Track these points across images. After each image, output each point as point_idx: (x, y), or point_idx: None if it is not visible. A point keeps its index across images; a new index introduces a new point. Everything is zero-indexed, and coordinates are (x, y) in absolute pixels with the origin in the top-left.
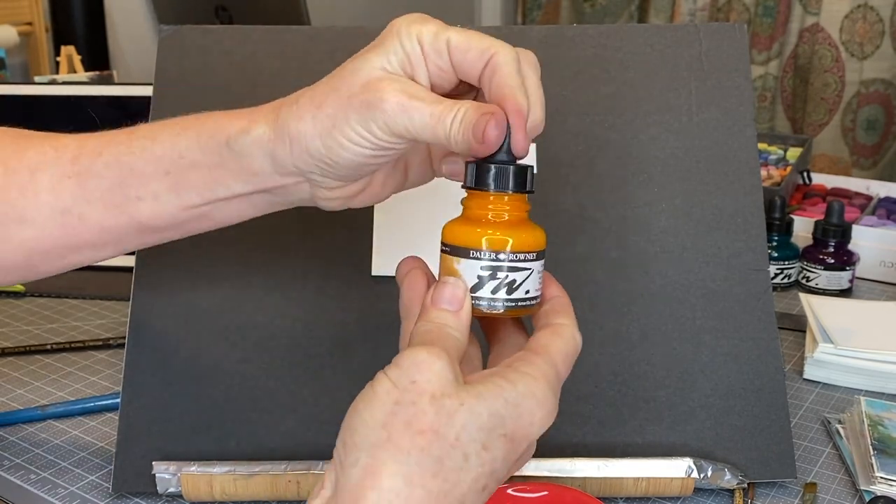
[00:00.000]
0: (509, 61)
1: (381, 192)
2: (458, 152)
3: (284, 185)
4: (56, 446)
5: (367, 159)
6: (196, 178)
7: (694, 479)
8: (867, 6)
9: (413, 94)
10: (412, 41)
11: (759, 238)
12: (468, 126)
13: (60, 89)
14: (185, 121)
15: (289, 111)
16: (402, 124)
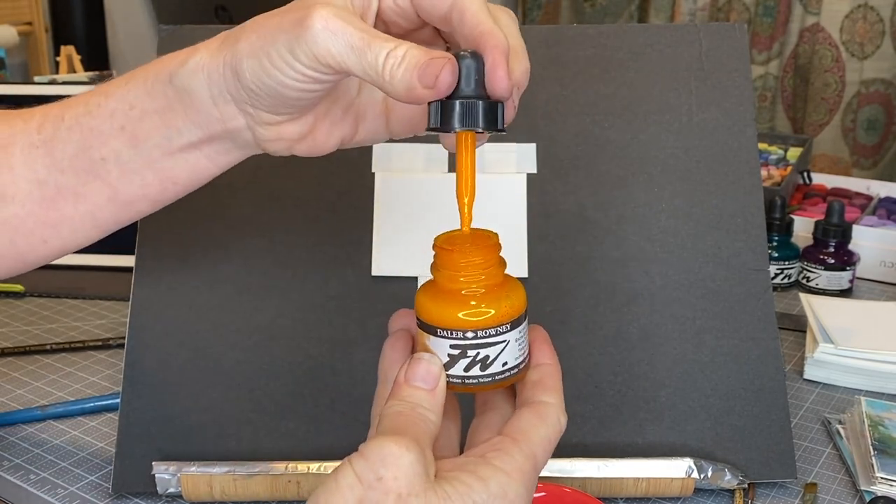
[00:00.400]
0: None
1: (327, 142)
2: (391, 95)
3: (225, 123)
4: (56, 446)
5: (291, 90)
6: (149, 127)
7: (694, 479)
8: (867, 6)
9: (345, 19)
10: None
11: (759, 238)
12: (412, 67)
13: (60, 89)
14: (136, 70)
15: (231, 35)
16: (325, 48)
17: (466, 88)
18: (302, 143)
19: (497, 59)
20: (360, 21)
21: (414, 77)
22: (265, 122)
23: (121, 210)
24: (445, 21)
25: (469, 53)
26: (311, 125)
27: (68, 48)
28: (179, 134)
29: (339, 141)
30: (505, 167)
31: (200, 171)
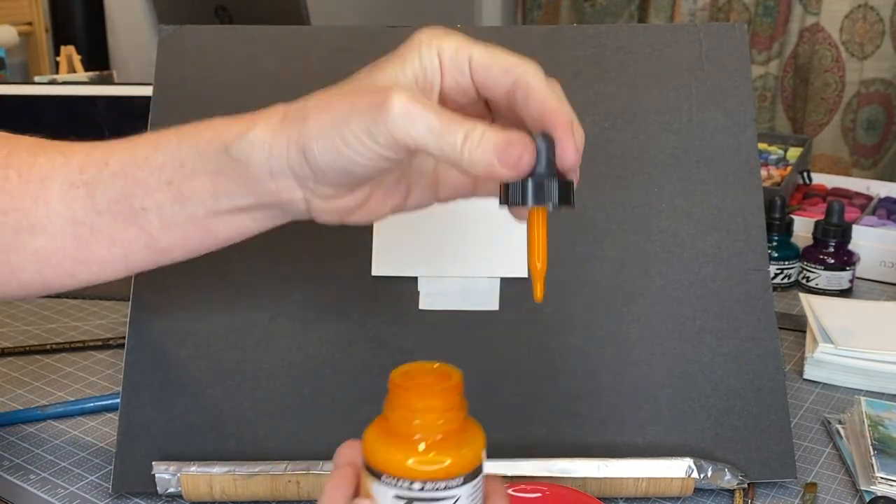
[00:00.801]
0: (541, 78)
1: (379, 211)
2: (469, 172)
3: (280, 195)
4: (56, 446)
5: (362, 168)
6: (197, 187)
7: (694, 479)
8: (867, 6)
9: (421, 102)
10: (431, 54)
11: (759, 238)
12: (491, 147)
13: (60, 89)
14: (187, 129)
15: (295, 113)
16: (404, 130)
17: (539, 167)
18: (355, 214)
19: (566, 138)
20: (433, 103)
21: (493, 157)
22: (324, 196)
23: (155, 256)
24: (506, 98)
25: (541, 134)
26: (365, 197)
27: (68, 48)
28: (229, 198)
29: (391, 210)
30: None
31: (243, 231)
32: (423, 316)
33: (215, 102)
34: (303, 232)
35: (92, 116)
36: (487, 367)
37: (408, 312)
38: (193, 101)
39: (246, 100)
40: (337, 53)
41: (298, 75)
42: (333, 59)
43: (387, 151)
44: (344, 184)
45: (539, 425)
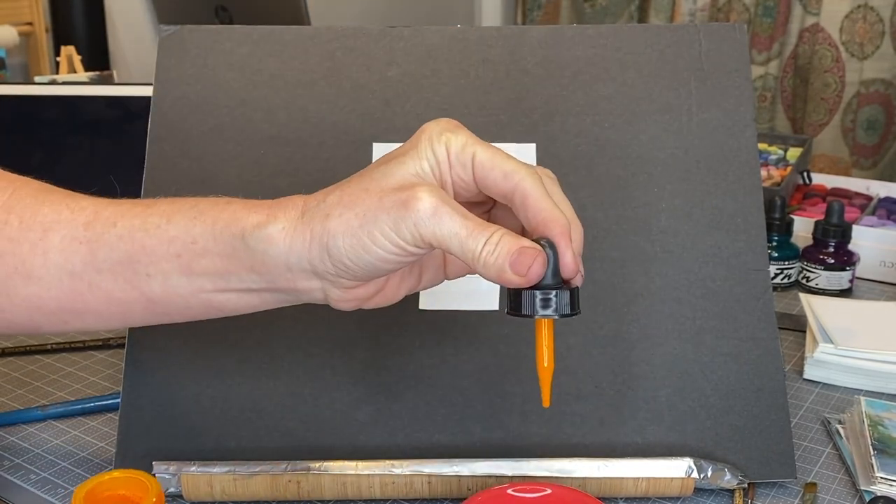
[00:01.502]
0: (537, 184)
1: (395, 295)
2: (481, 275)
3: (296, 284)
4: (56, 446)
5: (387, 263)
6: (208, 265)
7: (694, 479)
8: (867, 6)
9: (448, 203)
10: (441, 147)
11: (759, 238)
12: (504, 255)
13: (60, 89)
14: (203, 205)
15: (316, 209)
16: (432, 230)
17: (545, 277)
18: (372, 300)
19: (565, 246)
20: (458, 206)
21: (506, 264)
22: (343, 287)
23: (153, 317)
24: (506, 199)
25: (546, 243)
26: (382, 284)
27: (68, 48)
28: (240, 280)
29: (405, 292)
30: None
31: (249, 307)
32: (423, 316)
33: (215, 102)
34: None
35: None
36: (487, 367)
37: (408, 312)
38: (193, 101)
39: (246, 100)
40: (337, 53)
41: (298, 75)
42: (333, 59)
43: (413, 248)
44: (366, 277)
45: (539, 425)
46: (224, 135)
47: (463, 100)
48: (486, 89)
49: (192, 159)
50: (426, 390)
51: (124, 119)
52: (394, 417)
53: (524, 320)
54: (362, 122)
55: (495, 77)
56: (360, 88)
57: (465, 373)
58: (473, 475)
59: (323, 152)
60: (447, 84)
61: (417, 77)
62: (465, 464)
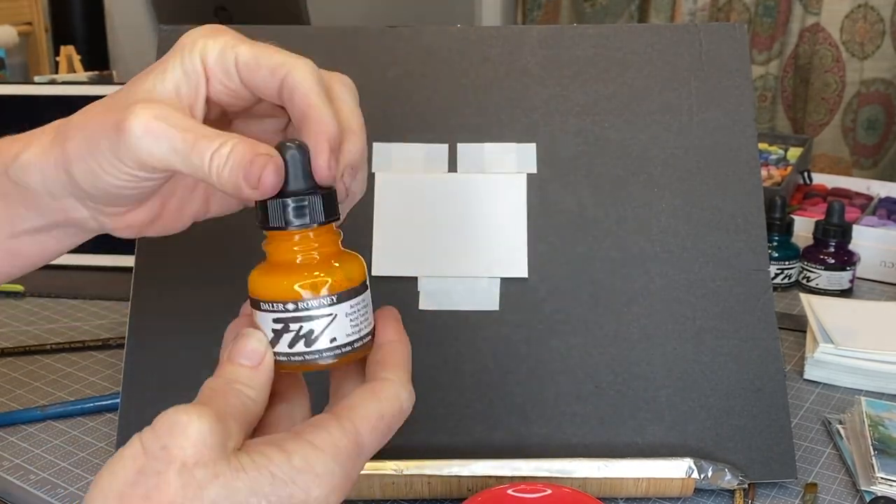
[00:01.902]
0: (307, 77)
1: (178, 221)
2: (224, 192)
3: (67, 213)
4: (56, 446)
5: (125, 189)
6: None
7: (694, 479)
8: (867, 6)
9: (166, 119)
10: (194, 59)
11: (759, 238)
12: (237, 166)
13: (60, 89)
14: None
15: (62, 130)
16: (147, 152)
17: (295, 183)
18: (152, 226)
19: (319, 148)
20: (183, 117)
21: (240, 177)
22: (109, 214)
23: None
24: (279, 99)
25: (294, 144)
26: (157, 210)
27: (68, 48)
28: (22, 220)
29: (191, 218)
30: (505, 167)
31: (49, 251)
32: (423, 316)
33: None
34: None
35: None
36: (487, 367)
37: (408, 312)
38: None
39: None
40: (337, 53)
41: None
42: (333, 59)
43: (137, 172)
44: (119, 203)
45: (539, 425)
46: None
47: (463, 100)
48: (486, 89)
49: None
50: (426, 390)
51: None
52: None
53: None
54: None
55: (495, 77)
56: (359, 88)
57: (465, 373)
58: (473, 475)
59: None
60: (447, 84)
61: (417, 77)
62: (465, 464)
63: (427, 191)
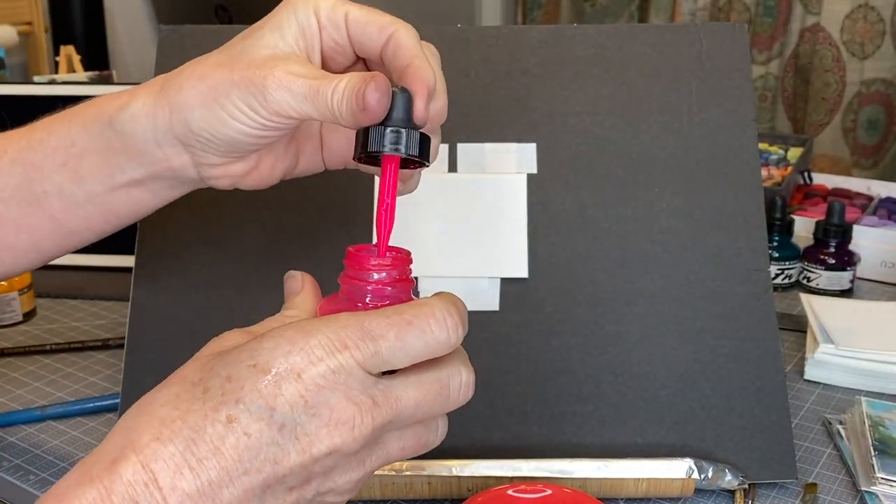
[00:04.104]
0: (412, 37)
1: (271, 176)
2: (346, 125)
3: (170, 162)
4: (55, 447)
5: (249, 137)
6: (91, 165)
7: (694, 479)
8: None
9: (296, 72)
10: (308, 14)
11: (759, 238)
12: (350, 94)
13: (60, 89)
14: (78, 108)
15: (172, 81)
16: (282, 100)
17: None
18: (247, 178)
19: (419, 93)
20: (309, 67)
21: (353, 102)
22: (213, 164)
23: (64, 240)
24: (380, 54)
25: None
26: (256, 162)
27: (68, 48)
28: (122, 172)
29: (282, 174)
30: (505, 167)
31: (143, 205)
32: None
33: None
34: (303, 232)
35: None
36: (487, 367)
37: None
38: None
39: None
40: None
41: None
42: None
43: (271, 122)
44: (230, 152)
45: (539, 425)
46: None
47: (463, 100)
48: (486, 89)
49: None
50: None
51: None
52: None
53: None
54: None
55: (495, 77)
56: None
57: None
58: (473, 475)
59: None
60: (447, 84)
61: None
62: (465, 464)
63: (427, 191)
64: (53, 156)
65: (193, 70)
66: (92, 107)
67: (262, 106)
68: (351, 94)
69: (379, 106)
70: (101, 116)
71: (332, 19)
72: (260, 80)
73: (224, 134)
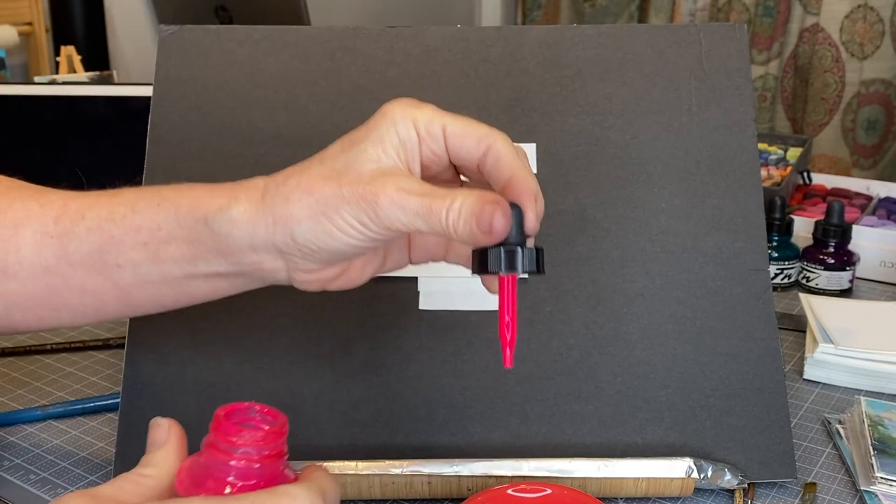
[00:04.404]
0: (509, 147)
1: (359, 277)
2: (460, 241)
3: (261, 265)
4: (56, 446)
5: (353, 248)
6: (174, 251)
7: (694, 479)
8: (867, 6)
9: (407, 188)
10: (408, 127)
11: (759, 238)
12: (469, 216)
13: (60, 89)
14: (165, 192)
15: (276, 191)
16: (394, 216)
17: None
18: (336, 281)
19: (528, 205)
20: (418, 184)
21: (473, 225)
22: (307, 270)
23: (128, 309)
24: (477, 165)
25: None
26: (347, 266)
27: (68, 48)
28: (207, 264)
29: (370, 275)
30: None
31: (219, 292)
32: (423, 316)
33: (215, 102)
34: None
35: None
36: (487, 367)
37: (408, 312)
38: (193, 101)
39: (246, 100)
40: (337, 53)
41: (298, 75)
42: (333, 59)
43: (379, 235)
44: (329, 261)
45: (539, 425)
46: (224, 135)
47: (463, 100)
48: (486, 89)
49: (192, 159)
50: (426, 390)
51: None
52: (394, 417)
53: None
54: (362, 122)
55: (495, 77)
56: (360, 88)
57: (465, 373)
58: (473, 475)
59: None
60: (447, 84)
61: (417, 77)
62: (465, 464)
63: None
64: (135, 234)
65: (298, 182)
66: (186, 197)
67: (373, 221)
68: (470, 217)
69: (504, 230)
70: (196, 211)
71: (430, 132)
72: (372, 196)
73: (330, 246)
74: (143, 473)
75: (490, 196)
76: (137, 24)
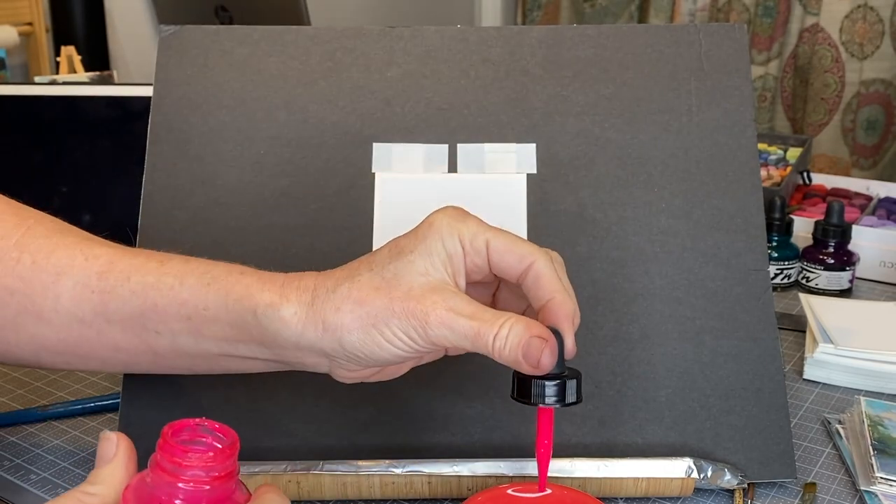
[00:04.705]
0: (549, 266)
1: (397, 372)
2: (504, 363)
3: (303, 360)
4: (56, 446)
5: (397, 357)
6: (217, 331)
7: (694, 479)
8: (867, 6)
9: (456, 310)
10: (454, 242)
11: (759, 238)
12: (516, 346)
13: (60, 89)
14: (216, 271)
15: (326, 297)
16: (442, 336)
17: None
18: (375, 376)
19: (567, 330)
20: (467, 303)
21: (519, 356)
22: (350, 369)
23: (158, 369)
24: (516, 279)
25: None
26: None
27: (68, 48)
28: (248, 349)
29: (407, 369)
30: (505, 167)
31: (251, 370)
32: None
33: (215, 102)
34: (303, 232)
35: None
36: (487, 366)
37: None
38: (193, 101)
39: (246, 100)
40: (337, 53)
41: (298, 75)
42: (333, 59)
43: (424, 349)
44: (377, 365)
45: None
46: (224, 135)
47: (463, 100)
48: (486, 89)
49: (192, 159)
50: (426, 390)
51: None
52: (394, 417)
53: None
54: (362, 122)
55: (495, 77)
56: (360, 88)
57: (465, 373)
58: (473, 475)
59: (323, 152)
60: (447, 84)
61: (417, 77)
62: (465, 464)
63: (427, 191)
64: (179, 308)
65: (349, 292)
66: (238, 284)
67: (421, 337)
68: (517, 346)
69: (550, 367)
70: (246, 302)
71: (475, 246)
72: (422, 315)
73: (377, 354)
74: (88, 492)
75: (537, 328)
76: (137, 24)
